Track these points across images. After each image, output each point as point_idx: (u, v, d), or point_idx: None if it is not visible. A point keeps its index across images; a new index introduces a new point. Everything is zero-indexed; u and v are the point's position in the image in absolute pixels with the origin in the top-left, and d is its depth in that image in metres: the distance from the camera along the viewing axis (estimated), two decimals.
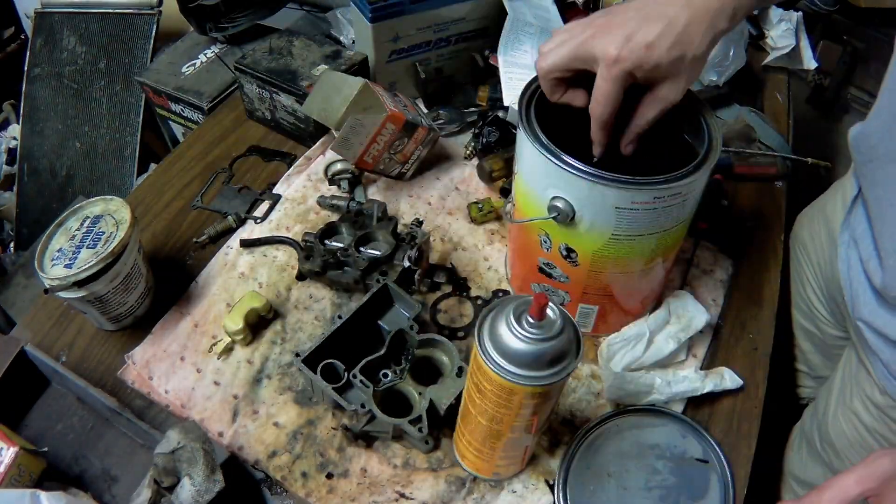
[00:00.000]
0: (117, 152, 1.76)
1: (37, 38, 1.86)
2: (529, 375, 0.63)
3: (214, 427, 0.85)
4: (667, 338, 0.89)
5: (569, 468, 0.81)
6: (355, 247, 0.96)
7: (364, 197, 1.11)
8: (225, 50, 1.51)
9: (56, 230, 0.88)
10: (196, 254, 1.05)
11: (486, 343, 0.64)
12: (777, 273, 1.05)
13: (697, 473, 0.82)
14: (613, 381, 0.85)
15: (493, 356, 0.63)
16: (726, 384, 0.88)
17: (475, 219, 1.09)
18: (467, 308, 0.98)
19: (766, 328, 0.98)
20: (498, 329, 0.63)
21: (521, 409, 0.67)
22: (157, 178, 1.19)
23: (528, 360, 0.62)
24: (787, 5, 1.43)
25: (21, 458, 0.75)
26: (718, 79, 1.21)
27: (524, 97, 0.80)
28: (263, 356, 0.92)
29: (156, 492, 0.71)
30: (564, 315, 0.64)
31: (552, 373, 0.63)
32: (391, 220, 0.99)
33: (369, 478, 0.81)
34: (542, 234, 0.82)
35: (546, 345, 0.62)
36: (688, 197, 0.76)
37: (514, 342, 0.62)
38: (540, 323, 0.62)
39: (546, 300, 0.61)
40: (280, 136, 1.25)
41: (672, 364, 0.91)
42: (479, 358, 0.64)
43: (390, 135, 1.07)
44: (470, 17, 1.23)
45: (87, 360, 0.92)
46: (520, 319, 0.63)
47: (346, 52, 1.20)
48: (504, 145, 1.14)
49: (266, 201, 1.11)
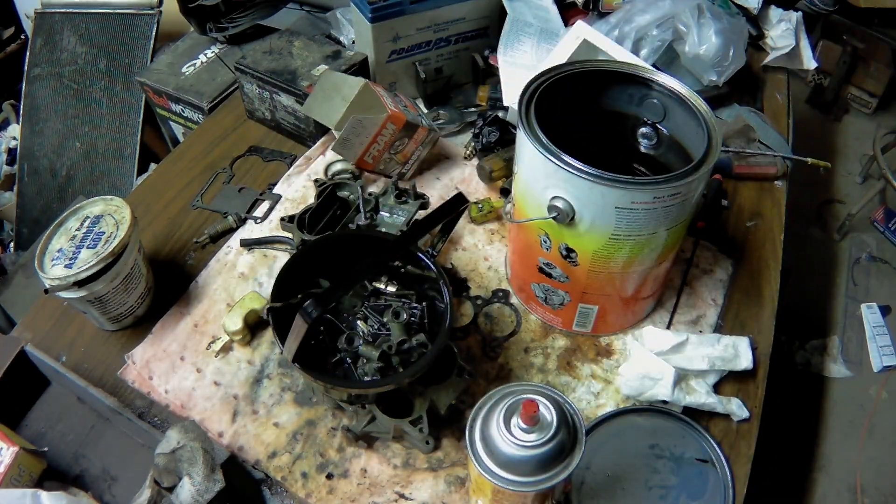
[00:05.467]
0: (117, 152, 1.75)
1: (37, 38, 1.86)
2: (524, 482, 0.61)
3: (214, 427, 0.85)
4: (703, 356, 0.88)
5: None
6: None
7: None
8: (225, 50, 1.51)
9: (56, 230, 0.88)
10: (196, 254, 1.05)
11: (477, 447, 0.62)
12: (777, 273, 1.05)
13: (697, 473, 0.82)
14: (636, 363, 0.85)
15: (485, 462, 0.61)
16: (732, 409, 0.87)
17: (475, 219, 1.09)
18: (467, 308, 0.98)
19: (766, 328, 0.98)
20: (489, 431, 0.61)
21: (522, 499, 0.66)
22: (157, 178, 1.19)
23: (522, 467, 0.60)
24: (787, 5, 1.42)
25: (21, 458, 0.75)
26: (718, 79, 1.21)
27: (524, 97, 0.80)
28: (263, 356, 0.92)
29: (156, 492, 0.71)
30: (559, 411, 0.61)
31: (549, 476, 0.61)
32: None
33: (369, 478, 0.81)
34: (542, 234, 0.82)
35: (539, 451, 0.59)
36: (688, 197, 0.76)
37: (506, 447, 0.60)
38: (532, 428, 0.60)
39: (536, 409, 0.59)
40: (280, 136, 1.25)
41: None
42: (471, 462, 0.62)
43: (390, 135, 1.07)
44: (470, 17, 1.23)
45: (87, 360, 0.92)
46: (510, 422, 0.60)
47: (346, 52, 1.20)
48: (504, 145, 1.14)
49: (266, 201, 1.11)
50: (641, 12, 1.19)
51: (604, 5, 1.27)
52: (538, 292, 0.92)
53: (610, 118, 0.92)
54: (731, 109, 1.28)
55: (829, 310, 2.04)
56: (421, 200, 1.05)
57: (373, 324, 0.83)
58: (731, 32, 1.19)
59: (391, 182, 1.06)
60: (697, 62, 1.20)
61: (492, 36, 1.25)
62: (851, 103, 2.66)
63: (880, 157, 2.09)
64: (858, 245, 2.20)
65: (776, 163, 1.18)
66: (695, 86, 1.21)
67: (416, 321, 0.83)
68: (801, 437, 1.75)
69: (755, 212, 1.14)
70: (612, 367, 0.92)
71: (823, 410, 1.82)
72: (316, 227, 1.01)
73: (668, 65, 1.23)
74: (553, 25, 1.22)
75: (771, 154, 1.19)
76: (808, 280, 2.07)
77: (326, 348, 0.84)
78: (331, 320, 0.84)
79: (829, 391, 1.86)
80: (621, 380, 0.88)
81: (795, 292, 1.81)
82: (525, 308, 0.98)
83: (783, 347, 1.90)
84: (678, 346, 0.88)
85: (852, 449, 1.73)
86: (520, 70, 1.15)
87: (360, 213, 1.02)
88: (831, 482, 1.68)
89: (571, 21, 1.19)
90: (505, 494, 0.65)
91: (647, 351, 0.88)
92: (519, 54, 1.17)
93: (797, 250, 2.01)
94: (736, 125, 1.21)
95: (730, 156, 1.17)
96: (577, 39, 1.08)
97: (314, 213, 1.01)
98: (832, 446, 1.74)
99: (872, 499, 1.65)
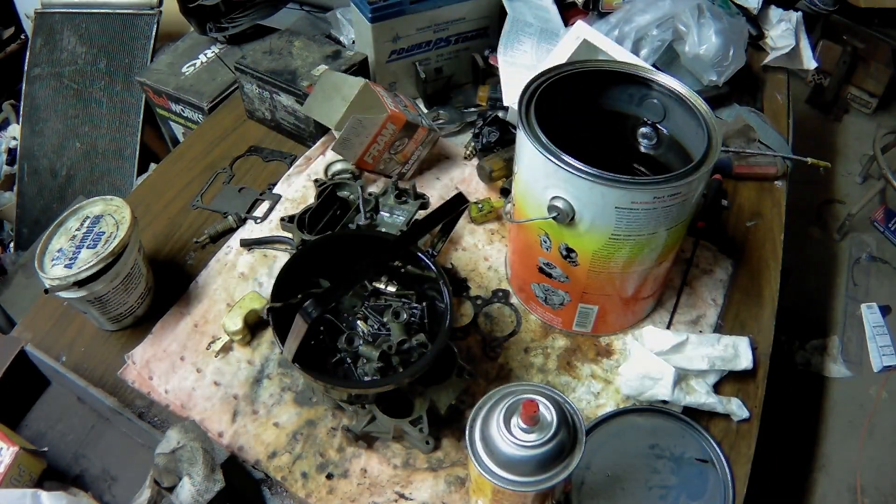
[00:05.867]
0: (117, 152, 1.75)
1: (37, 38, 1.86)
2: (524, 482, 0.60)
3: (214, 427, 0.85)
4: (703, 356, 0.88)
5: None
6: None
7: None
8: (225, 50, 1.51)
9: (56, 230, 0.88)
10: (196, 254, 1.05)
11: (477, 447, 0.62)
12: (777, 273, 1.05)
13: (697, 473, 0.82)
14: (636, 362, 0.85)
15: (485, 462, 0.61)
16: (732, 409, 0.87)
17: (475, 219, 1.09)
18: (467, 308, 0.98)
19: (766, 328, 0.98)
20: (489, 430, 0.61)
21: (522, 499, 0.66)
22: (157, 178, 1.19)
23: (522, 467, 0.60)
24: (787, 5, 1.42)
25: (21, 458, 0.75)
26: (718, 79, 1.21)
27: (524, 97, 0.80)
28: (263, 356, 0.92)
29: (156, 492, 0.71)
30: (559, 411, 0.61)
31: (549, 476, 0.60)
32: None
33: (369, 478, 0.81)
34: (542, 234, 0.82)
35: (539, 451, 0.59)
36: (688, 197, 0.76)
37: (506, 447, 0.60)
38: (532, 428, 0.59)
39: (536, 409, 0.59)
40: (280, 136, 1.25)
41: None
42: (471, 462, 0.62)
43: (391, 135, 1.07)
44: (470, 17, 1.23)
45: (87, 360, 0.92)
46: (510, 422, 0.60)
47: (346, 52, 1.20)
48: (504, 145, 1.14)
49: (266, 201, 1.11)
50: (641, 12, 1.19)
51: (604, 5, 1.27)
52: (538, 292, 0.92)
53: (610, 118, 0.92)
54: (731, 109, 1.28)
55: (829, 310, 2.04)
56: (421, 200, 1.05)
57: (373, 324, 0.83)
58: (731, 32, 1.19)
59: (391, 182, 1.06)
60: (697, 62, 1.20)
61: (492, 36, 1.25)
62: (851, 103, 2.66)
63: (880, 157, 2.09)
64: (858, 245, 2.20)
65: (776, 163, 1.18)
66: (695, 86, 1.21)
67: (416, 321, 0.83)
68: (801, 437, 1.75)
69: (755, 212, 1.14)
70: (612, 367, 0.92)
71: (823, 410, 1.82)
72: (316, 227, 1.01)
73: (668, 65, 1.23)
74: (553, 25, 1.22)
75: (771, 154, 1.19)
76: (808, 280, 2.07)
77: (326, 348, 0.84)
78: (331, 320, 0.84)
79: (829, 391, 1.86)
80: (621, 380, 0.88)
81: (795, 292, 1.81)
82: (525, 308, 0.98)
83: (783, 347, 1.90)
84: (678, 346, 0.88)
85: (852, 449, 1.73)
86: (520, 70, 1.15)
87: (360, 213, 1.02)
88: (831, 482, 1.68)
89: (571, 21, 1.19)
90: (505, 494, 0.64)
91: (647, 351, 0.88)
92: (519, 54, 1.17)
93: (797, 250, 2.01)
94: (736, 125, 1.21)
95: (730, 156, 1.17)
96: (577, 39, 1.08)
97: (314, 213, 1.01)
98: (832, 446, 1.74)
99: (872, 499, 1.65)
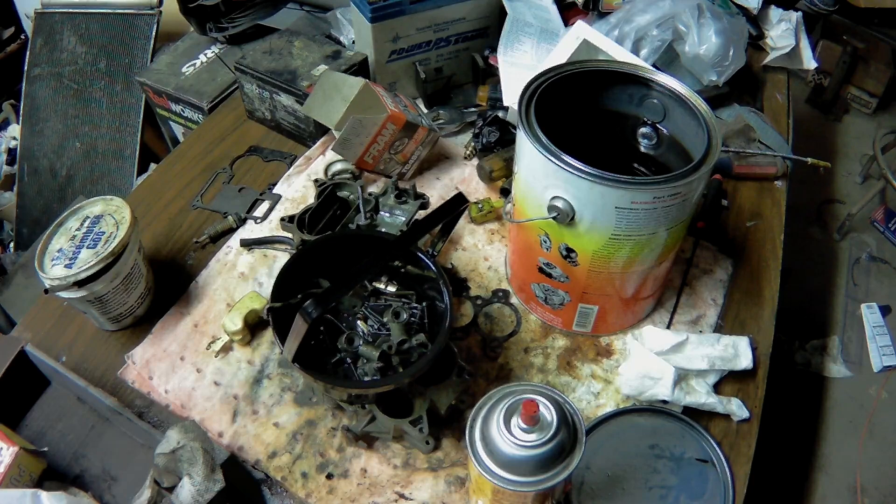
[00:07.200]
0: (117, 152, 1.75)
1: (37, 38, 1.86)
2: (524, 482, 0.60)
3: (214, 427, 0.85)
4: (703, 356, 0.88)
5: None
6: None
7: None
8: (225, 50, 1.51)
9: (56, 230, 0.88)
10: (196, 254, 1.05)
11: (477, 447, 0.62)
12: (777, 273, 1.05)
13: (697, 473, 0.82)
14: (636, 362, 0.85)
15: (485, 462, 0.61)
16: (732, 409, 0.87)
17: (475, 219, 1.09)
18: (467, 308, 0.98)
19: (766, 328, 0.98)
20: (489, 430, 0.61)
21: (522, 499, 0.66)
22: (157, 178, 1.19)
23: (522, 467, 0.60)
24: (787, 5, 1.42)
25: (21, 458, 0.75)
26: (718, 79, 1.21)
27: (524, 97, 0.80)
28: (263, 356, 0.92)
29: (156, 492, 0.71)
30: (559, 411, 0.61)
31: (549, 476, 0.60)
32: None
33: (369, 478, 0.81)
34: (542, 234, 0.82)
35: (539, 451, 0.59)
36: (687, 197, 0.75)
37: (506, 447, 0.60)
38: (532, 428, 0.60)
39: (536, 409, 0.59)
40: (280, 136, 1.25)
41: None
42: (471, 462, 0.62)
43: (391, 135, 1.07)
44: (470, 17, 1.23)
45: (87, 360, 0.92)
46: (510, 422, 0.60)
47: (346, 52, 1.20)
48: (504, 145, 1.14)
49: (266, 201, 1.11)
50: (641, 12, 1.19)
51: (604, 5, 1.27)
52: (538, 292, 0.92)
53: (610, 118, 0.92)
54: (731, 109, 1.28)
55: (829, 310, 2.04)
56: (421, 200, 1.05)
57: (373, 324, 0.83)
58: (731, 32, 1.19)
59: (391, 182, 1.06)
60: (697, 62, 1.20)
61: (492, 36, 1.25)
62: (851, 103, 2.66)
63: (880, 157, 2.09)
64: (858, 245, 2.20)
65: (776, 163, 1.18)
66: (695, 86, 1.21)
67: (416, 321, 0.83)
68: (801, 437, 1.75)
69: (755, 212, 1.14)
70: (612, 367, 0.92)
71: (823, 410, 1.82)
72: (316, 227, 1.01)
73: (668, 65, 1.23)
74: (553, 25, 1.22)
75: (771, 154, 1.19)
76: (808, 280, 2.07)
77: (326, 348, 0.83)
78: (331, 320, 0.84)
79: (829, 391, 1.86)
80: (621, 379, 0.88)
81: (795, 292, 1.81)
82: (525, 308, 0.98)
83: (783, 347, 1.90)
84: (678, 346, 0.88)
85: (852, 449, 1.73)
86: (520, 70, 1.15)
87: (360, 213, 1.02)
88: (831, 482, 1.68)
89: (571, 21, 1.19)
90: (505, 494, 0.64)
91: (647, 351, 0.88)
92: (519, 54, 1.17)
93: (797, 250, 2.02)
94: (736, 125, 1.21)
95: (730, 156, 1.17)
96: (577, 39, 1.08)
97: (314, 213, 1.01)
98: (832, 446, 1.74)
99: (872, 499, 1.65)
